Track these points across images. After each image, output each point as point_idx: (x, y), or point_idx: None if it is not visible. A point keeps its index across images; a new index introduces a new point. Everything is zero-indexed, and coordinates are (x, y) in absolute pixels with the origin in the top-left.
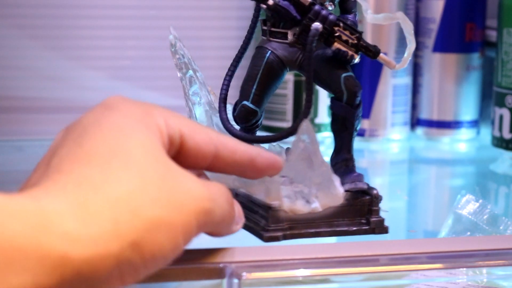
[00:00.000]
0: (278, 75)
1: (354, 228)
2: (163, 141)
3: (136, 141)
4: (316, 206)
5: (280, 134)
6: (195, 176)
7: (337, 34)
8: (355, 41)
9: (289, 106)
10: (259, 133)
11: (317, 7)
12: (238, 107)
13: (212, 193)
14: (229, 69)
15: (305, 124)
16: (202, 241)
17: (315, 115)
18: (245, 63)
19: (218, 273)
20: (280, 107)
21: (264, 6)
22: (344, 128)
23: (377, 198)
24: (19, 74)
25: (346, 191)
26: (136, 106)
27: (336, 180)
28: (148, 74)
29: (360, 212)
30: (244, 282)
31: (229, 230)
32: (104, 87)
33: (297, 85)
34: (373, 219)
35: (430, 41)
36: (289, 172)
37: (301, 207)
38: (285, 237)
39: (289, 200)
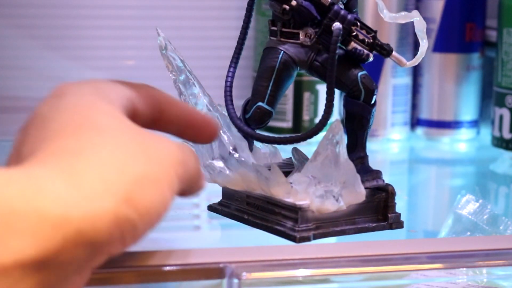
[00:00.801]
0: (291, 75)
1: (373, 225)
2: (120, 109)
3: (98, 113)
4: (342, 204)
5: (304, 135)
6: (160, 134)
7: (354, 33)
8: (371, 40)
9: (289, 106)
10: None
11: (336, 7)
12: (252, 109)
13: (180, 146)
14: (229, 70)
15: (335, 124)
16: (202, 241)
17: (315, 115)
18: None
19: (218, 273)
20: (280, 107)
21: (287, 7)
22: (360, 126)
23: (393, 194)
24: (19, 74)
25: (367, 188)
26: (85, 85)
27: (358, 178)
28: (148, 74)
29: (377, 208)
30: (244, 282)
31: (199, 184)
32: None
33: (297, 85)
34: (390, 214)
35: (430, 41)
36: (317, 172)
37: (330, 206)
38: (315, 237)
39: (320, 199)
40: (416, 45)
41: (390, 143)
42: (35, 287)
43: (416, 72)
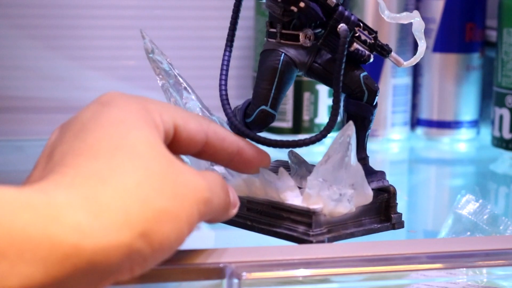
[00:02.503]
0: (292, 77)
1: (378, 226)
2: (161, 135)
3: (138, 135)
4: (353, 206)
5: (308, 140)
6: (192, 168)
7: (357, 34)
8: (373, 41)
9: (289, 106)
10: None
11: (341, 8)
12: (256, 113)
13: (209, 183)
14: (221, 74)
15: (347, 126)
16: (202, 241)
17: (315, 115)
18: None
19: (218, 273)
20: (280, 107)
21: (295, 8)
22: (363, 127)
23: (395, 195)
24: (19, 74)
25: (373, 189)
26: (133, 101)
27: (366, 179)
28: (148, 74)
29: (379, 209)
30: (244, 282)
31: (227, 215)
32: (104, 87)
33: (297, 85)
34: (393, 215)
35: (430, 41)
36: (328, 175)
37: (342, 209)
38: (328, 241)
39: (335, 203)
40: (416, 45)
41: (390, 143)
42: None
43: (416, 72)
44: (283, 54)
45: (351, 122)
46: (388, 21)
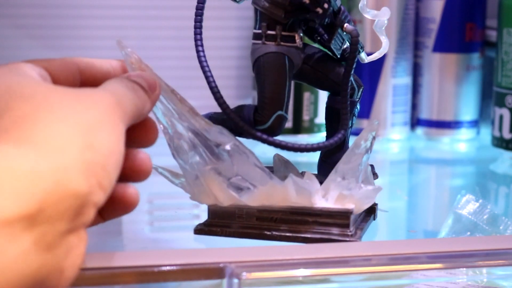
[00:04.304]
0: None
1: (368, 218)
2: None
3: (28, 84)
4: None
5: (336, 139)
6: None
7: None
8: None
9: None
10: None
11: (343, 7)
12: (273, 118)
13: (111, 92)
14: (208, 81)
15: (372, 126)
16: (202, 241)
17: (315, 115)
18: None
19: (218, 273)
20: None
21: (320, 10)
22: (351, 125)
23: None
24: None
25: None
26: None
27: (372, 175)
28: None
29: None
30: (244, 282)
31: (152, 97)
32: None
33: (297, 85)
34: (375, 206)
35: (430, 41)
36: (352, 174)
37: (367, 206)
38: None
39: (369, 201)
40: (416, 45)
41: (390, 143)
42: (33, 246)
43: (416, 72)
44: (286, 56)
45: (376, 121)
46: (366, 16)
